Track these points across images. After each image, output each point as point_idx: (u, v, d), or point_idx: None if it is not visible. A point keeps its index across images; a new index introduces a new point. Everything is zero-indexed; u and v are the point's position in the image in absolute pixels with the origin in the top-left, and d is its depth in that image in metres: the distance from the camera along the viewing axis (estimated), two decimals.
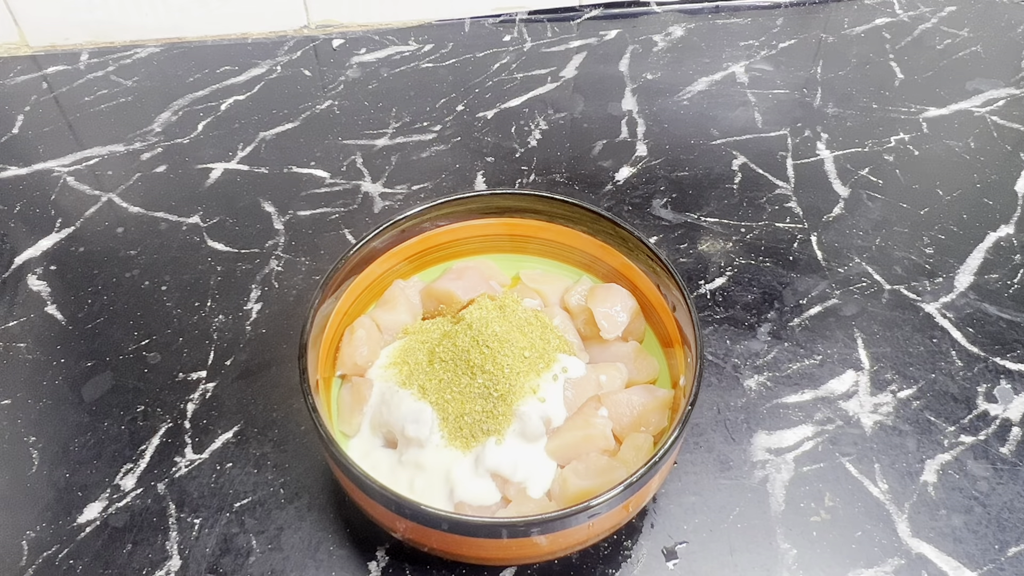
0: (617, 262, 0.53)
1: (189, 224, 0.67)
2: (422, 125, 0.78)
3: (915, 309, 0.60)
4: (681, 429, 0.40)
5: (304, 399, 0.42)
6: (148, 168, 0.73)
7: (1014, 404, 0.53)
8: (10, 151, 0.75)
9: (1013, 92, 0.82)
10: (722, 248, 0.65)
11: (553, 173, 0.72)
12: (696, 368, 0.43)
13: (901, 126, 0.77)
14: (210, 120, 0.78)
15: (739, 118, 0.78)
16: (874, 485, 0.49)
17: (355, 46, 0.89)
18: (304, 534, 0.47)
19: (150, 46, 0.89)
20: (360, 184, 0.71)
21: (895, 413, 0.53)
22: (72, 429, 0.52)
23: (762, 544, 0.46)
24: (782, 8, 0.96)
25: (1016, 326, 0.58)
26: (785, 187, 0.70)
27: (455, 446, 0.44)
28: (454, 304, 0.52)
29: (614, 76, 0.85)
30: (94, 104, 0.81)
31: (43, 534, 0.47)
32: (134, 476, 0.50)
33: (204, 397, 0.54)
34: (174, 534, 0.47)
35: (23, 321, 0.59)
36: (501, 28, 0.93)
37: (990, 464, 0.50)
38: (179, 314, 0.59)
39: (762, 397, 0.54)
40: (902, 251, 0.64)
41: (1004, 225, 0.67)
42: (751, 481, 0.49)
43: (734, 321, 0.59)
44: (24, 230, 0.67)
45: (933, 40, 0.90)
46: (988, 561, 0.46)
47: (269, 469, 0.50)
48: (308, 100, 0.81)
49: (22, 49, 0.89)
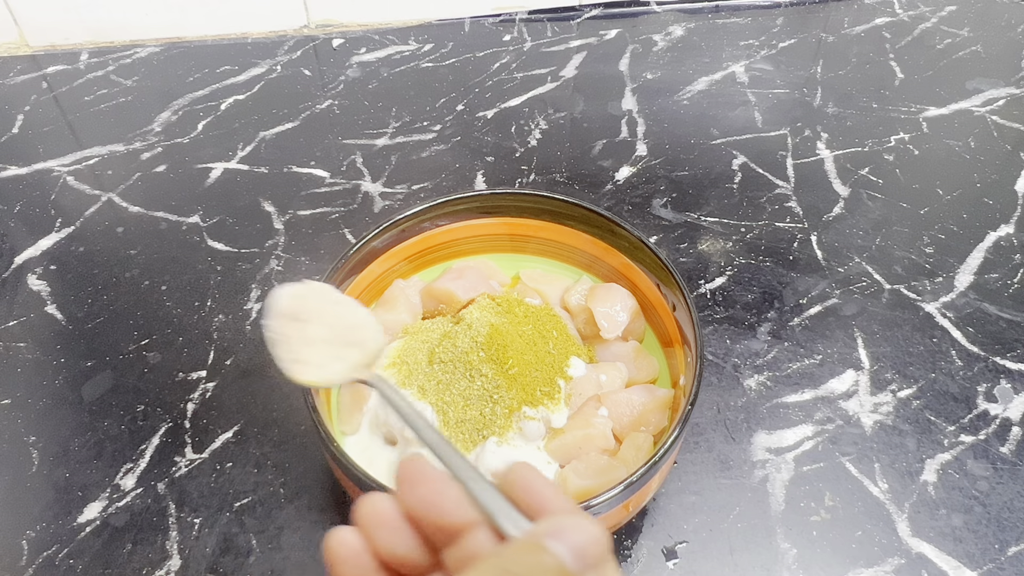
0: (617, 262, 0.53)
1: (189, 224, 0.67)
2: (422, 125, 0.78)
3: (915, 309, 0.60)
4: (681, 429, 0.40)
5: (304, 399, 0.42)
6: (148, 168, 0.73)
7: (1014, 404, 0.53)
8: (10, 151, 0.75)
9: (1013, 92, 0.82)
10: (722, 248, 0.65)
11: (553, 173, 0.72)
12: (696, 368, 0.43)
13: (901, 126, 0.77)
14: (210, 120, 0.78)
15: (739, 118, 0.78)
16: (874, 485, 0.49)
17: (355, 46, 0.89)
18: (304, 534, 0.47)
19: (150, 46, 0.89)
20: (360, 184, 0.71)
21: (895, 413, 0.53)
22: (72, 429, 0.52)
23: (762, 544, 0.46)
24: (782, 8, 0.96)
25: (1016, 326, 0.58)
26: (785, 187, 0.70)
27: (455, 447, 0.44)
28: (454, 304, 0.52)
29: (614, 76, 0.85)
30: (94, 104, 0.81)
31: (43, 534, 0.47)
32: (134, 476, 0.50)
33: (204, 397, 0.54)
34: (174, 534, 0.47)
35: (23, 321, 0.59)
36: (501, 28, 0.93)
37: (990, 464, 0.50)
38: (179, 314, 0.59)
39: (762, 397, 0.54)
40: (902, 251, 0.64)
41: (1004, 225, 0.67)
42: (751, 481, 0.49)
43: (734, 321, 0.59)
44: (24, 230, 0.67)
45: (933, 40, 0.90)
46: (988, 561, 0.46)
47: (269, 469, 0.50)
48: (308, 100, 0.81)
49: (22, 49, 0.89)
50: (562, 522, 0.22)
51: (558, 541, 0.21)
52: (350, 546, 0.24)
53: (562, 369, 0.48)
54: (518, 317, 0.50)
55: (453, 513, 0.24)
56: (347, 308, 0.37)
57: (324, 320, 0.36)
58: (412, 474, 0.24)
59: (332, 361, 0.35)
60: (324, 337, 0.35)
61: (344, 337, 0.36)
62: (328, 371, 0.35)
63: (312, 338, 0.35)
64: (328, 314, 0.36)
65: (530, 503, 0.24)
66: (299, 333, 0.35)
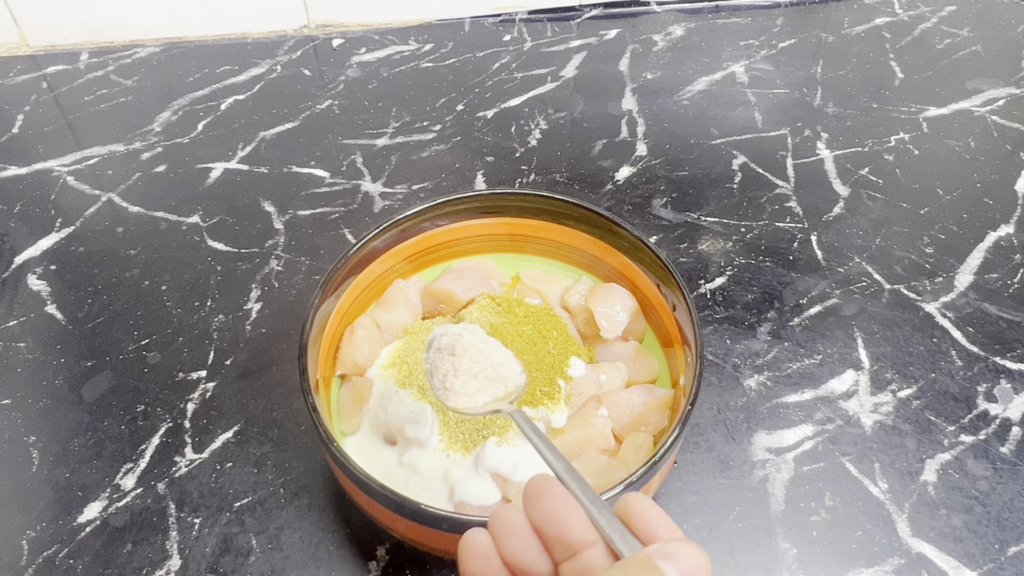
0: (617, 262, 0.53)
1: (189, 224, 0.67)
2: (422, 125, 0.78)
3: (915, 309, 0.60)
4: (681, 429, 0.40)
5: (304, 399, 0.42)
6: (148, 168, 0.73)
7: (1014, 404, 0.53)
8: (10, 151, 0.75)
9: (1013, 92, 0.82)
10: (722, 248, 0.65)
11: (553, 173, 0.72)
12: (696, 368, 0.43)
13: (901, 126, 0.77)
14: (210, 120, 0.78)
15: (739, 118, 0.78)
16: (874, 485, 0.49)
17: (355, 46, 0.89)
18: (304, 534, 0.47)
19: (150, 46, 0.89)
20: (360, 184, 0.71)
21: (895, 413, 0.53)
22: (72, 429, 0.52)
23: (762, 544, 0.46)
24: (782, 8, 0.96)
25: (1016, 326, 0.58)
26: (785, 187, 0.70)
27: (455, 447, 0.44)
28: (454, 304, 0.52)
29: (614, 76, 0.85)
30: (94, 104, 0.81)
31: (43, 534, 0.47)
32: (134, 476, 0.50)
33: (204, 397, 0.54)
34: (174, 534, 0.47)
35: (23, 321, 0.59)
36: (501, 28, 0.93)
37: (990, 464, 0.50)
38: (179, 314, 0.59)
39: (762, 397, 0.54)
40: (902, 251, 0.64)
41: (1004, 225, 0.67)
42: (751, 481, 0.49)
43: (734, 321, 0.59)
44: (24, 230, 0.67)
45: (933, 40, 0.90)
46: (988, 561, 0.46)
47: (269, 469, 0.50)
48: (308, 100, 0.81)
49: (22, 49, 0.89)
50: (674, 546, 0.25)
51: (668, 563, 0.24)
52: (483, 546, 0.27)
53: (562, 369, 0.48)
54: (518, 317, 0.50)
55: (575, 529, 0.26)
56: (495, 348, 0.41)
57: (474, 357, 0.40)
58: (540, 491, 0.27)
59: (478, 393, 0.40)
60: (472, 371, 0.40)
61: (489, 373, 0.40)
62: (473, 400, 0.40)
63: (462, 371, 0.40)
64: (478, 352, 0.40)
65: (645, 529, 0.26)
66: (452, 366, 0.40)
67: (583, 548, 0.26)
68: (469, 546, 0.28)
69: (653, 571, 0.24)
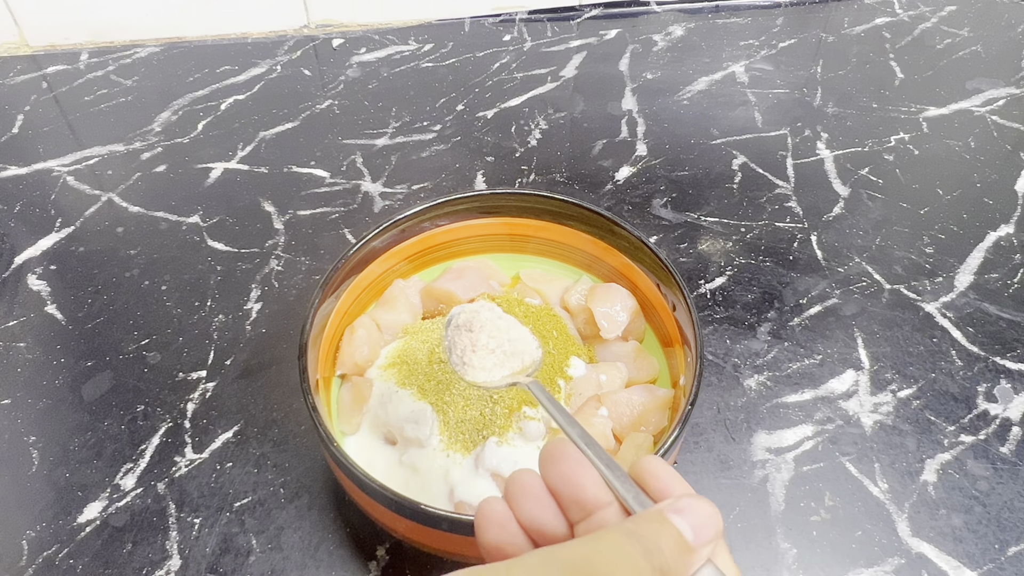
0: (617, 262, 0.53)
1: (189, 224, 0.67)
2: (422, 125, 0.78)
3: (915, 309, 0.60)
4: (681, 429, 0.40)
5: (304, 399, 0.42)
6: (148, 168, 0.73)
7: (1014, 404, 0.53)
8: (10, 151, 0.75)
9: (1013, 92, 0.82)
10: (722, 248, 0.65)
11: (553, 173, 0.72)
12: (696, 368, 0.43)
13: (901, 126, 0.77)
14: (210, 120, 0.78)
15: (739, 118, 0.78)
16: (874, 485, 0.49)
17: (355, 46, 0.89)
18: (304, 534, 0.47)
19: (150, 46, 0.89)
20: (360, 184, 0.71)
21: (895, 413, 0.53)
22: (72, 429, 0.52)
23: (762, 544, 0.46)
24: (782, 8, 0.96)
25: (1016, 326, 0.58)
26: (785, 187, 0.70)
27: (455, 447, 0.44)
28: (454, 304, 0.52)
29: (614, 76, 0.85)
30: (94, 104, 0.81)
31: (43, 534, 0.47)
32: (134, 476, 0.50)
33: (204, 397, 0.54)
34: (174, 534, 0.47)
35: (23, 321, 0.59)
36: (501, 28, 0.93)
37: (990, 464, 0.50)
38: (179, 314, 0.59)
39: (762, 397, 0.54)
40: (902, 251, 0.64)
41: (1004, 225, 0.67)
42: (751, 481, 0.49)
43: (734, 321, 0.59)
44: (24, 230, 0.67)
45: (933, 40, 0.90)
46: (988, 561, 0.46)
47: (269, 469, 0.50)
48: (308, 100, 0.81)
49: (22, 49, 0.89)
50: (685, 501, 0.26)
51: (680, 516, 0.25)
52: (500, 513, 0.28)
53: (562, 369, 0.48)
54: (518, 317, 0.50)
55: (590, 489, 0.27)
56: (511, 324, 0.42)
57: (491, 333, 0.41)
58: (556, 453, 0.28)
59: (496, 367, 0.40)
60: (490, 346, 0.41)
61: (506, 348, 0.41)
62: (491, 375, 0.40)
63: (480, 346, 0.40)
64: (495, 328, 0.41)
65: (658, 488, 0.27)
66: (470, 341, 0.41)
67: (598, 509, 0.27)
68: (486, 514, 0.28)
69: (665, 524, 0.25)
